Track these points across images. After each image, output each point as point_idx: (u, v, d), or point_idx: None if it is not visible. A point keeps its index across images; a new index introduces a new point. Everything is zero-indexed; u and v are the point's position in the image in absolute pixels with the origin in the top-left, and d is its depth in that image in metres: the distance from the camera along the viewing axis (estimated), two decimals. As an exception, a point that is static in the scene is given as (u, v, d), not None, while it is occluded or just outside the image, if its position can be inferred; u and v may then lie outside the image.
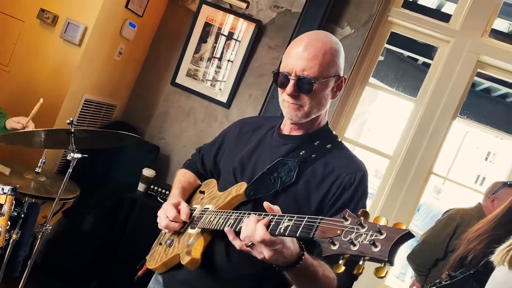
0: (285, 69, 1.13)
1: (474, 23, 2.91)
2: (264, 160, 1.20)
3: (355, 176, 1.13)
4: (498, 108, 6.13)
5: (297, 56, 1.10)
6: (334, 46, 1.13)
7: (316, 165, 1.15)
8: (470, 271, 2.00)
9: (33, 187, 1.92)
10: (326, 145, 1.19)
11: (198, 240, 1.13)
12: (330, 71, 1.12)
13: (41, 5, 2.54)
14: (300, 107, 1.13)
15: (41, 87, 2.56)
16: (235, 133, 1.37)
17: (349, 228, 0.75)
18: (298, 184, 1.13)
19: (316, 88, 1.10)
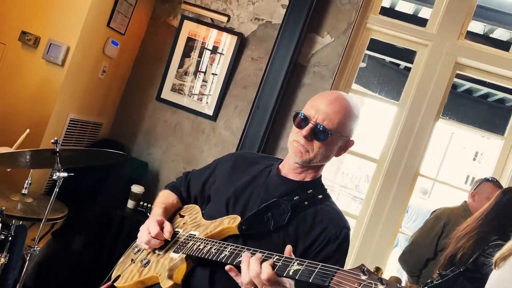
0: (307, 112, 1.21)
1: (450, 26, 2.99)
2: (258, 196, 1.25)
3: (340, 231, 1.19)
4: (480, 108, 6.26)
5: (324, 105, 1.19)
6: (354, 111, 1.23)
7: (307, 212, 1.21)
8: (460, 269, 2.02)
9: (20, 209, 1.90)
10: (318, 195, 1.25)
11: (181, 265, 1.13)
12: (345, 131, 1.22)
13: (22, 28, 2.55)
14: (307, 151, 1.20)
15: (26, 109, 2.55)
16: (229, 164, 1.40)
17: (367, 283, 0.76)
18: (289, 227, 1.17)
19: (329, 140, 1.19)
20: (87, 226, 2.65)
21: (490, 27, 4.46)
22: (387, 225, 3.03)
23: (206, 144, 3.13)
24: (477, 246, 2.05)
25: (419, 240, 2.70)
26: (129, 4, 2.90)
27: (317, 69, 3.03)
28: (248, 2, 3.12)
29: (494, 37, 4.54)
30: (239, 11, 3.13)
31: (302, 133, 1.19)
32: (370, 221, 3.05)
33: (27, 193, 2.04)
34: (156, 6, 3.24)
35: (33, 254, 1.72)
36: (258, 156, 1.49)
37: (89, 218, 2.68)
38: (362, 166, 16.82)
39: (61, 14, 2.55)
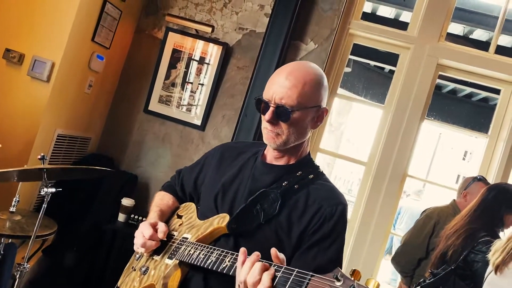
0: (266, 96, 1.14)
1: (430, 29, 3.06)
2: (245, 188, 1.20)
3: (336, 208, 1.13)
4: (464, 107, 6.36)
5: (278, 84, 1.11)
6: (315, 77, 1.14)
7: (298, 196, 1.15)
8: (451, 267, 2.05)
9: (8, 227, 1.89)
10: (309, 175, 1.19)
11: (175, 272, 1.12)
12: (310, 102, 1.12)
13: (6, 45, 2.55)
14: (277, 135, 1.14)
15: (12, 126, 2.53)
16: (216, 157, 1.35)
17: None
18: (280, 216, 1.12)
19: (294, 117, 1.11)
20: (78, 241, 2.63)
21: (469, 28, 4.56)
22: (378, 227, 3.05)
23: (196, 154, 3.13)
24: (467, 243, 2.08)
25: (410, 240, 2.72)
26: (113, 18, 2.91)
27: (302, 75, 3.06)
28: (232, 12, 3.16)
29: (474, 38, 4.65)
30: (223, 21, 3.16)
31: (265, 118, 1.13)
32: (361, 224, 3.08)
33: (15, 210, 2.02)
34: (140, 19, 3.26)
35: (23, 271, 1.70)
36: (245, 145, 1.40)
37: (80, 233, 2.66)
38: (355, 171, 16.93)
39: (45, 30, 2.55)
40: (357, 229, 3.09)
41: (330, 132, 11.40)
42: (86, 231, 2.68)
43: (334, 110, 8.06)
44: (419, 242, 2.65)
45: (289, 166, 1.21)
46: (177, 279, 1.10)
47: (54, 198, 1.82)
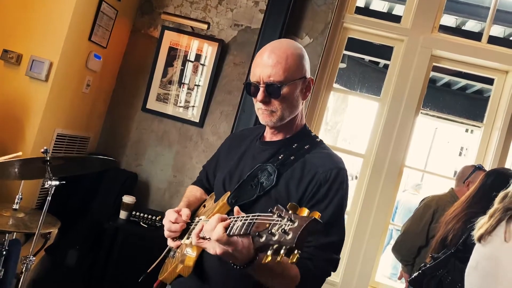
0: (253, 78, 1.19)
1: (423, 20, 3.10)
2: (247, 167, 1.26)
3: (330, 173, 1.17)
4: (459, 100, 6.42)
5: (262, 64, 1.17)
6: (295, 51, 1.20)
7: (295, 166, 1.19)
8: (451, 250, 2.08)
9: (12, 224, 1.90)
10: (305, 146, 1.24)
11: (192, 249, 1.18)
12: (295, 74, 1.18)
13: (3, 46, 2.56)
14: (272, 112, 1.19)
15: (11, 127, 2.55)
16: (226, 147, 1.46)
17: (274, 221, 0.80)
18: (278, 186, 1.17)
19: (285, 92, 1.17)
20: (80, 239, 2.63)
21: (461, 20, 4.61)
22: (377, 219, 3.08)
23: (195, 151, 3.15)
24: (466, 226, 2.11)
25: (410, 229, 2.75)
26: (109, 18, 2.93)
27: (298, 69, 3.09)
28: (227, 9, 3.19)
29: (466, 29, 4.70)
30: (218, 18, 3.19)
31: (258, 98, 1.18)
32: (360, 216, 3.10)
33: (19, 208, 2.03)
34: (136, 18, 3.28)
35: (29, 264, 1.72)
36: (249, 130, 1.47)
37: (82, 231, 2.67)
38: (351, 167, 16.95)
39: (42, 30, 2.57)
40: (356, 222, 3.11)
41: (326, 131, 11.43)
42: (87, 229, 2.69)
43: (330, 108, 8.08)
44: (418, 230, 2.68)
45: (285, 140, 1.26)
46: (194, 256, 1.17)
47: (56, 196, 1.83)
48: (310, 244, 1.10)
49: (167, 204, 3.12)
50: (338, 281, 3.10)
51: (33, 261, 1.75)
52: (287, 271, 1.05)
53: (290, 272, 1.05)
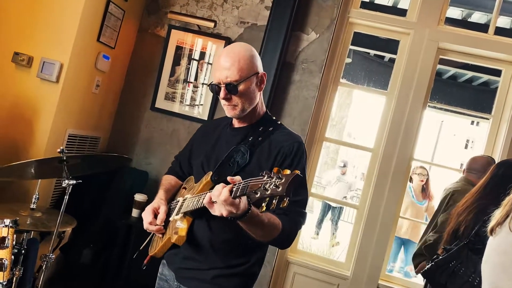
0: (215, 80, 1.41)
1: (429, 13, 3.10)
2: (222, 150, 1.47)
3: (293, 146, 1.40)
4: (465, 92, 6.39)
5: (220, 68, 1.38)
6: (246, 52, 1.40)
7: (263, 145, 1.42)
8: (464, 241, 2.09)
9: (30, 223, 1.93)
10: (269, 128, 1.47)
11: (183, 222, 1.38)
12: (248, 72, 1.38)
13: (14, 49, 2.60)
14: (234, 106, 1.40)
15: (24, 128, 2.58)
16: (200, 135, 1.68)
17: (265, 181, 1.03)
18: (251, 163, 1.39)
19: (241, 88, 1.37)
20: (94, 238, 2.67)
21: (467, 12, 4.59)
22: (387, 212, 3.09)
23: (204, 149, 3.17)
24: (478, 218, 2.12)
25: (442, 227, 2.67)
26: (117, 18, 2.96)
27: (305, 65, 3.11)
28: (233, 7, 3.20)
29: (473, 21, 4.68)
30: (224, 16, 3.20)
31: (221, 97, 1.39)
32: (370, 210, 3.11)
33: (36, 207, 2.07)
34: (143, 18, 3.30)
35: (48, 262, 1.75)
36: (219, 120, 1.68)
37: (95, 230, 2.70)
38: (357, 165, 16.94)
39: (52, 32, 2.60)
40: (366, 216, 3.13)
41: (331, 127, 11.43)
42: (101, 227, 2.73)
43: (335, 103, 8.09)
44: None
45: (251, 125, 1.49)
46: (185, 227, 1.37)
47: (68, 196, 1.86)
48: None
49: (178, 202, 3.14)
50: (349, 274, 3.12)
51: (52, 259, 1.79)
52: (272, 220, 1.27)
53: (274, 221, 1.28)
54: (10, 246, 1.51)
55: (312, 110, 3.09)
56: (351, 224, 5.35)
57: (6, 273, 1.53)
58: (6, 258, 1.50)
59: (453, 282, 2.01)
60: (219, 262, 1.41)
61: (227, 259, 1.41)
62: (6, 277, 1.54)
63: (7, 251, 1.51)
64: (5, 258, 1.51)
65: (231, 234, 1.38)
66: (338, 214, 7.90)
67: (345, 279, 3.12)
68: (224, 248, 1.41)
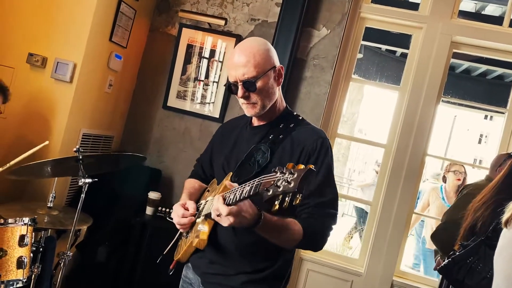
0: (231, 79, 1.35)
1: (442, 7, 3.05)
2: (242, 150, 1.42)
3: (316, 143, 1.34)
4: (479, 87, 6.29)
5: (235, 66, 1.33)
6: (260, 46, 1.35)
7: (284, 143, 1.35)
8: (481, 237, 2.06)
9: (48, 221, 1.96)
10: (290, 125, 1.40)
11: (204, 225, 1.34)
12: (265, 67, 1.33)
13: (29, 50, 2.63)
14: (253, 104, 1.35)
15: (39, 128, 2.62)
16: (218, 137, 1.63)
17: (278, 177, 0.98)
18: (273, 162, 1.32)
19: (259, 84, 1.32)
20: (109, 236, 2.70)
21: (481, 4, 4.52)
22: (400, 208, 3.06)
23: (216, 146, 3.18)
24: (495, 213, 2.08)
25: (451, 217, 2.70)
26: (128, 18, 2.98)
27: (316, 61, 3.10)
28: (243, 4, 3.20)
29: (486, 13, 4.60)
30: (235, 14, 3.20)
31: (238, 95, 1.34)
32: (383, 206, 3.09)
33: (52, 206, 2.10)
34: (154, 17, 3.32)
35: (66, 260, 1.77)
36: (237, 119, 1.64)
37: (110, 228, 2.73)
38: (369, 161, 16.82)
39: (65, 33, 2.63)
40: (380, 212, 3.11)
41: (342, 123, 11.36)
42: (115, 225, 2.76)
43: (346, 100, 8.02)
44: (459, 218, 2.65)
45: (272, 122, 1.43)
46: (207, 230, 1.33)
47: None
48: (309, 205, 1.28)
49: (191, 200, 3.16)
50: (363, 271, 3.11)
51: (70, 256, 1.82)
52: (291, 225, 1.23)
53: (293, 226, 1.23)
54: (29, 244, 1.54)
55: (324, 106, 3.07)
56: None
57: (26, 271, 1.56)
58: (25, 255, 1.53)
59: (470, 279, 1.98)
60: (247, 266, 1.35)
61: (254, 262, 1.36)
62: (26, 274, 1.56)
63: (27, 249, 1.53)
64: (24, 256, 1.54)
65: (256, 236, 1.29)
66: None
67: (359, 276, 3.11)
68: (250, 251, 1.35)
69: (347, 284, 3.13)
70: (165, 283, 2.54)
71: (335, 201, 1.34)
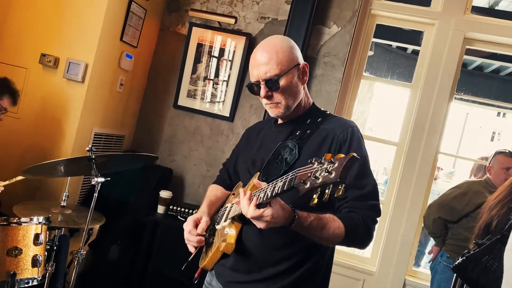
0: (253, 79, 1.30)
1: (455, 2, 3.01)
2: (269, 149, 1.35)
3: (347, 132, 1.27)
4: (493, 83, 6.19)
5: (257, 64, 1.27)
6: (283, 43, 1.29)
7: (313, 137, 1.29)
8: (497, 236, 2.03)
9: (62, 220, 1.98)
10: (317, 119, 1.34)
11: (231, 228, 1.27)
12: (288, 64, 1.27)
13: (41, 51, 2.66)
14: (277, 104, 1.29)
15: (51, 128, 2.65)
16: (244, 141, 1.58)
17: (315, 168, 0.90)
18: (301, 158, 1.25)
19: (283, 83, 1.26)
20: (121, 234, 2.72)
21: (494, 0, 4.45)
22: (413, 206, 3.03)
23: (226, 145, 3.19)
24: (511, 212, 2.06)
25: (434, 202, 2.80)
26: (139, 17, 2.99)
27: (327, 59, 3.08)
28: (253, 2, 3.19)
29: (500, 9, 4.52)
30: (244, 12, 3.20)
31: (261, 95, 1.28)
32: (396, 204, 3.07)
33: (66, 205, 2.12)
34: (164, 17, 3.33)
35: (80, 258, 1.79)
36: (262, 122, 1.59)
37: (122, 226, 2.75)
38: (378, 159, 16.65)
39: (76, 34, 2.65)
40: (392, 211, 3.08)
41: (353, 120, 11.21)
42: (127, 224, 2.78)
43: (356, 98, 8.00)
44: (442, 203, 2.73)
45: (297, 119, 1.36)
46: (234, 234, 1.26)
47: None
48: (347, 199, 1.21)
49: (202, 198, 3.14)
50: (375, 270, 3.08)
51: (83, 254, 1.83)
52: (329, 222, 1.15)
53: (332, 223, 1.15)
54: (43, 243, 1.55)
55: (335, 104, 3.05)
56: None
57: (41, 269, 1.57)
58: (40, 254, 1.55)
59: (485, 278, 1.96)
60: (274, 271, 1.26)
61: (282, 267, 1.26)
62: (41, 272, 1.58)
63: (41, 247, 1.55)
64: (39, 254, 1.55)
65: (286, 238, 1.25)
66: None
67: (371, 275, 3.09)
68: (278, 255, 1.27)
69: (359, 283, 3.11)
70: (177, 282, 2.56)
71: (375, 191, 1.26)
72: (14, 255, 1.53)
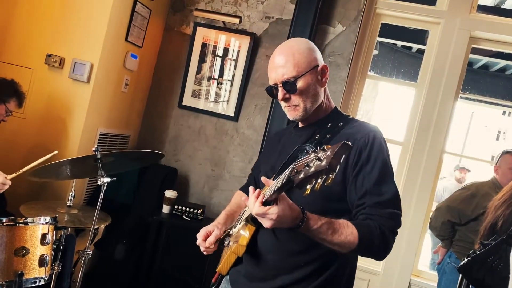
0: (271, 82, 1.30)
1: (460, 1, 2.99)
2: (287, 152, 1.31)
3: (368, 137, 1.21)
4: (498, 82, 6.16)
5: (275, 67, 1.27)
6: (300, 45, 1.28)
7: (332, 142, 1.23)
8: (502, 236, 2.02)
9: (68, 220, 2.00)
10: (339, 124, 1.29)
11: (245, 231, 1.25)
12: (306, 66, 1.25)
13: (47, 51, 2.67)
14: (295, 107, 1.27)
15: (57, 128, 2.66)
16: (268, 146, 1.63)
17: (310, 158, 0.88)
18: None
19: (300, 85, 1.24)
20: (126, 234, 2.73)
21: (500, -2, 4.42)
22: (418, 206, 3.02)
23: (231, 145, 3.19)
24: (517, 212, 2.05)
25: (441, 205, 2.83)
26: (144, 17, 3.00)
27: (332, 58, 3.07)
28: (257, 2, 3.19)
29: (506, 7, 4.49)
30: (249, 12, 3.20)
31: (279, 98, 1.27)
32: (401, 204, 3.05)
33: (72, 204, 2.13)
34: (169, 17, 3.34)
35: (86, 257, 1.80)
36: (285, 128, 1.57)
37: (127, 226, 2.77)
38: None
39: (82, 34, 2.66)
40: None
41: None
42: (133, 223, 2.79)
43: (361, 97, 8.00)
44: (450, 206, 2.74)
45: (318, 121, 1.33)
46: (247, 236, 1.23)
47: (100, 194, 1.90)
48: (365, 205, 1.16)
49: (207, 198, 3.19)
50: (380, 270, 3.08)
51: (90, 254, 1.84)
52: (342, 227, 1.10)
53: (345, 228, 1.10)
54: (50, 243, 1.56)
55: (339, 104, 3.05)
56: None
57: (48, 269, 1.59)
58: (47, 254, 1.56)
59: (491, 278, 1.95)
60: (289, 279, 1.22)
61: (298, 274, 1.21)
62: (48, 272, 1.59)
63: (48, 247, 1.56)
64: (46, 254, 1.56)
65: (302, 244, 1.19)
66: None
67: (376, 275, 3.08)
68: (293, 262, 1.22)
69: (364, 283, 3.11)
70: (182, 281, 2.57)
71: (396, 199, 1.19)
72: (21, 255, 1.54)
